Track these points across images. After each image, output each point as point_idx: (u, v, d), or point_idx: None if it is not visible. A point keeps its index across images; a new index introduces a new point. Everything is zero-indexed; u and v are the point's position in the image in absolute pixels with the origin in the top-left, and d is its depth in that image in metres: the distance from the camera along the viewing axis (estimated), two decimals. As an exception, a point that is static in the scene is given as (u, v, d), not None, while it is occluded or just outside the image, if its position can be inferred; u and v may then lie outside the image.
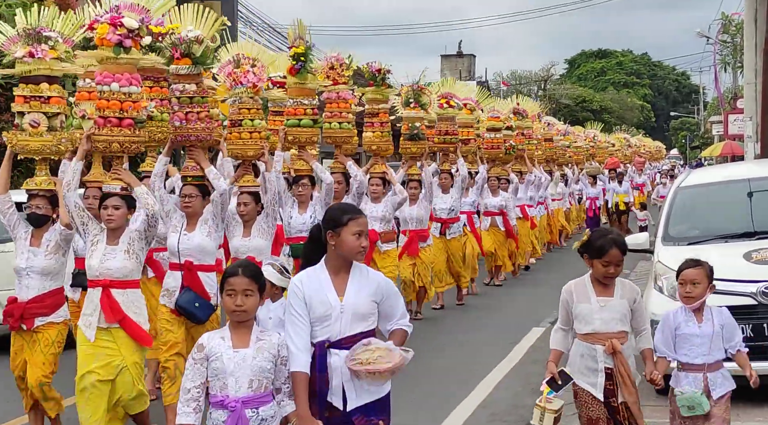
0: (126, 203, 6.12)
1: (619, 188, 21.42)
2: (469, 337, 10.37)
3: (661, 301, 6.90)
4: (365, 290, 4.24)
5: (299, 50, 8.41)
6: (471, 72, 52.51)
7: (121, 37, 6.02)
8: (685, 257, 5.27)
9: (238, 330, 4.16)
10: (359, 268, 4.30)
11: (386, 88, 10.31)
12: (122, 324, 5.92)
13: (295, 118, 8.60)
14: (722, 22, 31.76)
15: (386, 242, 10.23)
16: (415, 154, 11.19)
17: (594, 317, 5.00)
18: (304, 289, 4.22)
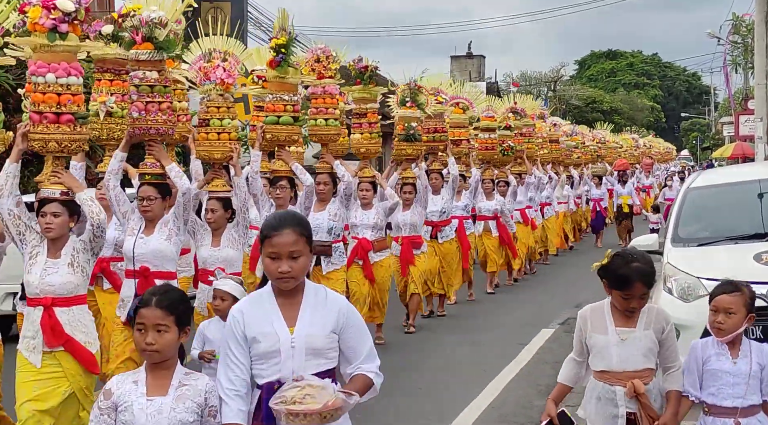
0: (67, 209, 5.41)
1: (622, 189, 20.94)
2: (478, 338, 10.36)
3: (670, 303, 6.87)
4: (322, 319, 3.46)
5: (280, 41, 7.78)
6: (481, 73, 52.41)
7: (56, 22, 5.27)
8: (723, 279, 4.46)
9: (154, 373, 3.42)
10: (315, 291, 3.52)
11: (374, 86, 9.72)
12: (67, 346, 5.24)
13: (275, 114, 7.97)
14: (733, 22, 31.65)
15: (379, 251, 9.67)
16: (410, 156, 10.58)
17: (611, 352, 4.20)
18: (244, 320, 3.45)
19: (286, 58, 7.78)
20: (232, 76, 7.08)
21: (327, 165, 8.93)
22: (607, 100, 61.54)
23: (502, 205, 13.71)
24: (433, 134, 11.59)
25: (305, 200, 8.03)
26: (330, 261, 8.71)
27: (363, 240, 9.48)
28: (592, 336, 4.25)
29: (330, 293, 3.57)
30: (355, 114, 9.88)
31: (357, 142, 9.77)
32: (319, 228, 8.49)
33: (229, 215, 6.97)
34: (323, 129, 8.81)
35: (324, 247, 8.55)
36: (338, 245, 8.79)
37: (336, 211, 8.72)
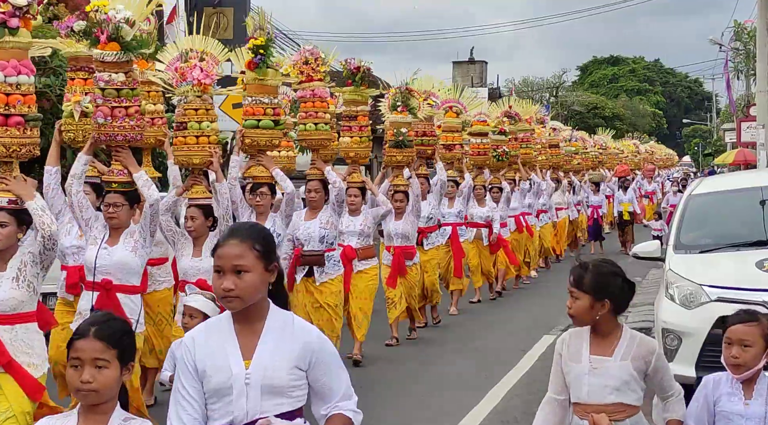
0: (16, 219, 5.06)
1: (623, 196, 20.65)
2: (479, 344, 10.35)
3: (672, 310, 6.88)
4: (285, 352, 2.95)
5: (258, 42, 7.40)
6: (483, 79, 52.47)
7: (5, 16, 4.92)
8: (739, 309, 4.03)
9: (88, 417, 2.90)
10: (282, 318, 3.02)
11: (366, 88, 9.33)
12: (8, 369, 4.82)
13: (254, 118, 7.59)
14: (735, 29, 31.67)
15: (364, 260, 9.18)
16: (401, 162, 10.13)
17: (582, 382, 3.74)
18: (195, 350, 2.97)
19: (264, 59, 7.44)
20: (210, 76, 6.73)
21: (318, 171, 8.56)
22: (609, 107, 61.53)
23: (493, 211, 13.23)
24: (422, 137, 11.10)
25: (286, 207, 7.60)
26: (324, 271, 8.28)
27: (347, 247, 9.08)
28: (567, 365, 3.81)
29: (299, 322, 3.05)
30: (345, 117, 9.49)
31: (346, 146, 9.38)
32: (310, 237, 8.26)
33: (211, 223, 6.65)
34: (313, 134, 8.51)
35: (316, 256, 8.25)
36: (332, 254, 8.39)
37: (328, 218, 8.38)
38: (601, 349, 3.76)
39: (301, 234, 8.23)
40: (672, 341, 6.76)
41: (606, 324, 3.76)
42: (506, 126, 14.35)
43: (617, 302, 3.75)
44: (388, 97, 10.41)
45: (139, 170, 6.16)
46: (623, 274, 3.81)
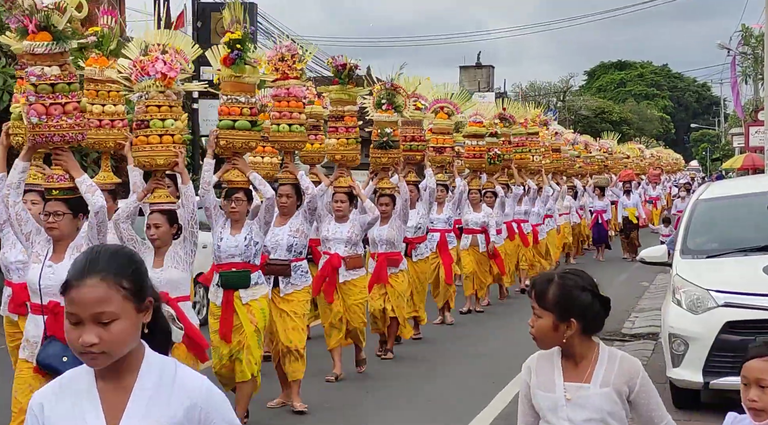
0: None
1: (627, 201, 20.25)
2: (486, 348, 10.33)
3: (679, 315, 6.87)
4: (164, 412, 2.26)
5: (235, 36, 6.87)
6: (490, 83, 52.50)
7: None
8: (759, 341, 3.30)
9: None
10: (159, 368, 2.31)
11: (353, 87, 8.77)
12: None
13: (229, 118, 7.04)
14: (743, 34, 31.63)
15: (352, 270, 8.61)
16: (386, 164, 9.50)
17: (560, 417, 3.12)
18: (44, 415, 2.28)
19: (241, 54, 6.89)
20: (175, 69, 6.16)
21: (290, 176, 8.00)
22: (617, 111, 61.45)
23: (489, 217, 12.66)
24: (410, 142, 10.44)
25: (265, 214, 7.07)
26: (289, 282, 7.68)
27: (334, 256, 8.52)
28: (536, 394, 3.17)
29: (181, 371, 2.32)
30: (332, 117, 8.93)
31: (332, 148, 8.85)
32: (278, 245, 7.72)
33: (175, 230, 6.06)
34: (286, 135, 7.93)
35: (282, 266, 7.67)
36: (299, 265, 7.77)
37: (298, 226, 7.81)
38: (576, 375, 3.13)
39: (268, 241, 7.63)
40: (679, 346, 6.75)
41: (577, 346, 3.12)
42: (498, 128, 13.72)
43: (586, 321, 3.08)
44: (373, 95, 9.73)
45: (81, 174, 5.51)
46: (594, 288, 3.13)
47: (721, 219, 7.97)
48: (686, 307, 6.82)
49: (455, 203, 11.97)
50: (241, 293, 6.93)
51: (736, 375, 3.33)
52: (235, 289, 6.93)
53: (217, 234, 7.07)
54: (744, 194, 8.30)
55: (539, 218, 15.83)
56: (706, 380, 6.59)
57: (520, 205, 14.68)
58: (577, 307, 3.08)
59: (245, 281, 6.95)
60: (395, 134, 9.51)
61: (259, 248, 7.13)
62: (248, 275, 6.97)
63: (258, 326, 6.90)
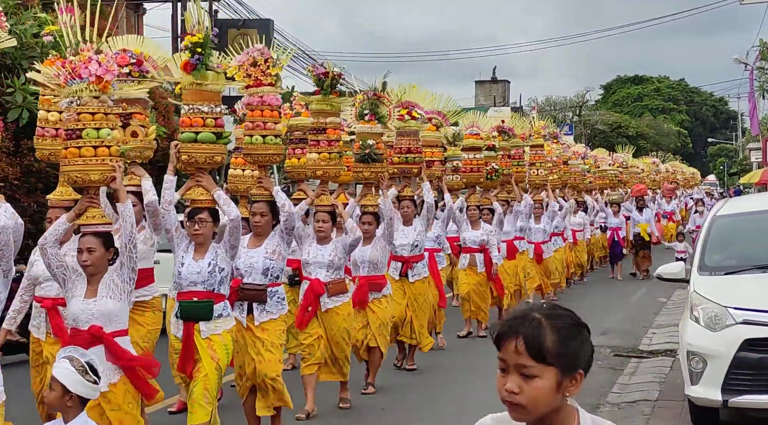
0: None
1: (640, 217, 19.55)
2: (494, 366, 10.25)
3: (697, 332, 6.82)
4: None
5: (195, 39, 6.22)
6: (505, 98, 52.56)
7: None
8: None
9: None
10: None
11: (336, 96, 8.14)
12: None
13: (191, 130, 6.38)
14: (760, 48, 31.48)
15: (335, 295, 7.88)
16: (369, 179, 8.88)
17: None
18: None
19: (203, 59, 6.27)
20: (111, 71, 5.51)
21: (265, 192, 7.23)
22: (633, 125, 61.29)
23: (489, 234, 11.93)
24: (406, 154, 9.79)
25: (230, 236, 6.36)
26: (265, 309, 6.94)
27: (314, 281, 7.83)
28: None
29: None
30: (313, 129, 8.27)
31: (314, 163, 8.19)
32: (252, 268, 6.97)
33: (111, 255, 5.43)
34: (260, 148, 7.14)
35: (257, 291, 6.95)
36: (277, 290, 7.06)
37: (275, 247, 7.05)
38: None
39: (241, 264, 6.94)
40: (697, 363, 6.70)
41: (561, 411, 2.27)
42: (497, 141, 13.03)
43: (587, 372, 2.30)
44: (355, 105, 9.09)
45: None
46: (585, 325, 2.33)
47: (739, 235, 7.92)
48: (704, 324, 6.77)
49: (444, 220, 11.29)
50: (201, 326, 6.23)
51: (756, 393, 3.23)
52: (196, 321, 6.23)
53: (178, 259, 6.38)
54: (762, 210, 8.24)
55: (545, 236, 15.18)
56: (725, 398, 6.53)
57: (517, 222, 13.85)
58: (585, 352, 2.28)
59: (207, 313, 6.25)
60: (378, 146, 8.93)
61: (225, 276, 6.40)
62: (211, 306, 6.27)
63: (220, 364, 6.20)
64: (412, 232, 9.73)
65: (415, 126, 9.96)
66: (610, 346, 11.19)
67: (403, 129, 9.84)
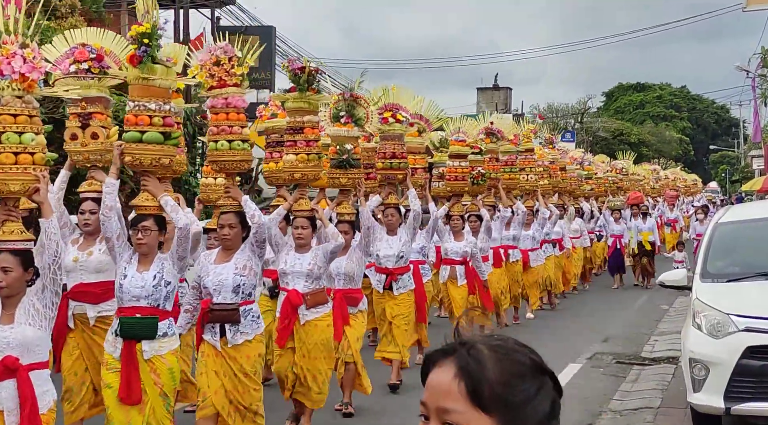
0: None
1: (642, 225, 19.05)
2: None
3: (699, 339, 6.80)
4: None
5: (142, 29, 5.71)
6: (507, 105, 52.60)
7: None
8: None
9: None
10: None
11: (314, 93, 7.50)
12: None
13: (137, 129, 5.79)
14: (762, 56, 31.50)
15: (314, 307, 7.26)
16: (345, 186, 8.36)
17: None
18: None
19: (150, 52, 5.73)
20: (38, 69, 4.94)
21: (233, 202, 6.58)
22: (635, 133, 61.31)
23: (473, 246, 11.16)
24: (390, 159, 9.26)
25: (177, 247, 5.82)
26: (238, 330, 6.31)
27: (292, 292, 7.22)
28: None
29: None
30: (290, 129, 7.64)
31: (291, 165, 7.55)
32: (222, 286, 6.31)
33: (30, 276, 4.90)
34: (226, 154, 6.54)
35: (228, 311, 6.30)
36: (250, 308, 6.40)
37: (245, 262, 6.40)
38: None
39: (210, 282, 6.34)
40: (700, 371, 6.68)
41: None
42: (483, 144, 12.31)
43: None
44: (330, 106, 8.50)
45: None
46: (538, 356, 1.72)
47: (741, 243, 7.92)
48: (706, 331, 6.76)
49: (429, 230, 10.48)
50: (144, 345, 5.67)
51: (759, 400, 3.24)
52: (138, 340, 5.68)
53: (120, 271, 5.83)
54: (764, 217, 8.23)
55: (534, 243, 14.42)
56: (728, 405, 6.51)
57: (509, 229, 13.30)
58: (542, 407, 1.69)
59: (150, 331, 5.69)
60: (356, 151, 8.37)
61: (172, 291, 5.86)
62: (155, 324, 5.72)
63: (165, 390, 5.69)
64: (397, 242, 9.22)
65: (400, 129, 9.43)
66: (612, 353, 11.18)
67: (387, 133, 9.32)
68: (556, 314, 15.32)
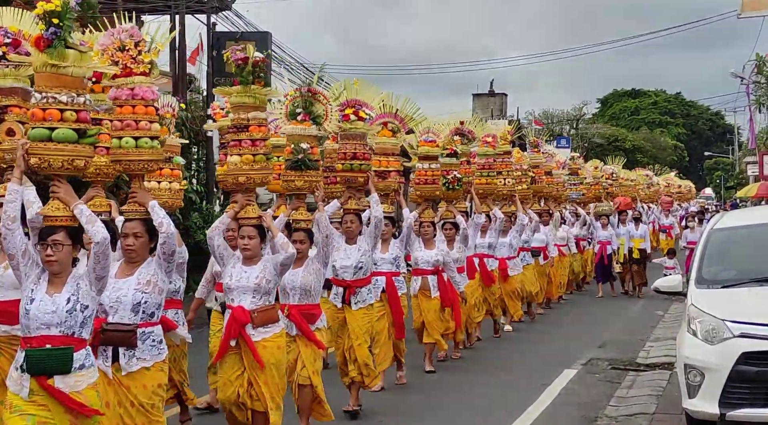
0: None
1: (635, 231, 18.36)
2: (499, 378, 10.27)
3: (695, 345, 6.82)
4: None
5: (50, 7, 4.88)
6: (503, 111, 52.72)
7: None
8: None
9: None
10: None
11: (261, 86, 6.77)
12: None
13: (44, 126, 4.98)
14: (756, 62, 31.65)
15: (263, 326, 6.48)
16: (302, 190, 7.49)
17: None
18: None
19: (60, 34, 4.90)
20: None
21: (140, 208, 5.70)
22: (630, 139, 61.47)
23: (445, 255, 10.31)
24: (351, 161, 8.40)
25: (95, 265, 4.98)
26: (134, 355, 5.47)
27: (237, 309, 6.49)
28: None
29: None
30: (233, 127, 6.86)
31: (235, 167, 6.76)
32: (119, 304, 5.50)
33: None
34: (131, 153, 5.66)
35: (123, 333, 5.49)
36: (151, 331, 5.57)
37: (150, 277, 5.58)
38: None
39: (106, 298, 5.46)
40: (695, 377, 6.70)
41: None
42: (457, 146, 11.26)
43: None
44: (285, 103, 7.81)
45: None
46: None
47: (736, 249, 7.93)
48: (702, 337, 6.77)
49: (403, 238, 9.74)
50: (57, 381, 4.80)
51: (754, 406, 3.26)
52: (49, 375, 4.79)
53: (26, 294, 4.93)
54: (759, 223, 8.26)
55: (512, 251, 13.45)
56: (723, 411, 6.52)
57: (484, 237, 12.49)
58: None
59: (64, 364, 4.82)
60: (313, 151, 7.55)
61: (89, 316, 4.98)
62: (69, 355, 4.84)
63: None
64: (356, 252, 8.33)
65: (363, 128, 8.56)
66: (608, 359, 11.20)
67: (348, 131, 8.42)
68: (551, 320, 15.31)
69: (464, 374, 10.47)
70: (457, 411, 8.65)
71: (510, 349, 12.25)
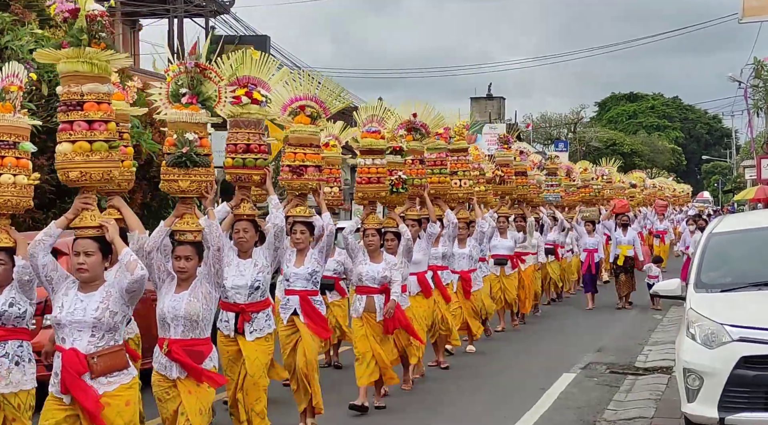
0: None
1: (622, 237, 16.91)
2: (497, 383, 10.26)
3: (693, 349, 6.81)
4: None
5: None
6: (500, 114, 52.83)
7: None
8: None
9: None
10: None
11: (101, 49, 5.08)
12: None
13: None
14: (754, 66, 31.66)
15: (106, 374, 5.02)
16: (187, 192, 5.75)
17: None
18: None
19: None
20: None
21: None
22: (628, 143, 61.58)
23: (392, 269, 8.53)
24: (243, 154, 6.98)
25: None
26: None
27: (69, 353, 5.02)
28: None
29: None
30: (62, 105, 5.17)
31: (63, 157, 5.16)
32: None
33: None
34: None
35: None
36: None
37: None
38: None
39: None
40: (694, 381, 6.69)
41: None
42: (405, 143, 9.57)
43: None
44: (167, 81, 5.94)
45: None
46: None
47: (735, 253, 7.93)
48: (701, 341, 6.76)
49: (321, 249, 7.82)
50: None
51: (753, 410, 3.25)
52: None
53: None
54: (758, 227, 8.26)
55: (472, 263, 11.54)
56: (722, 415, 6.51)
57: (436, 245, 10.43)
58: None
59: None
60: (202, 143, 5.76)
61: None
62: None
63: None
64: (251, 268, 6.80)
65: (258, 113, 7.00)
66: (606, 363, 11.19)
67: (238, 117, 6.90)
68: (549, 324, 15.31)
69: (462, 379, 10.46)
70: (459, 411, 8.64)
71: (508, 354, 12.24)
